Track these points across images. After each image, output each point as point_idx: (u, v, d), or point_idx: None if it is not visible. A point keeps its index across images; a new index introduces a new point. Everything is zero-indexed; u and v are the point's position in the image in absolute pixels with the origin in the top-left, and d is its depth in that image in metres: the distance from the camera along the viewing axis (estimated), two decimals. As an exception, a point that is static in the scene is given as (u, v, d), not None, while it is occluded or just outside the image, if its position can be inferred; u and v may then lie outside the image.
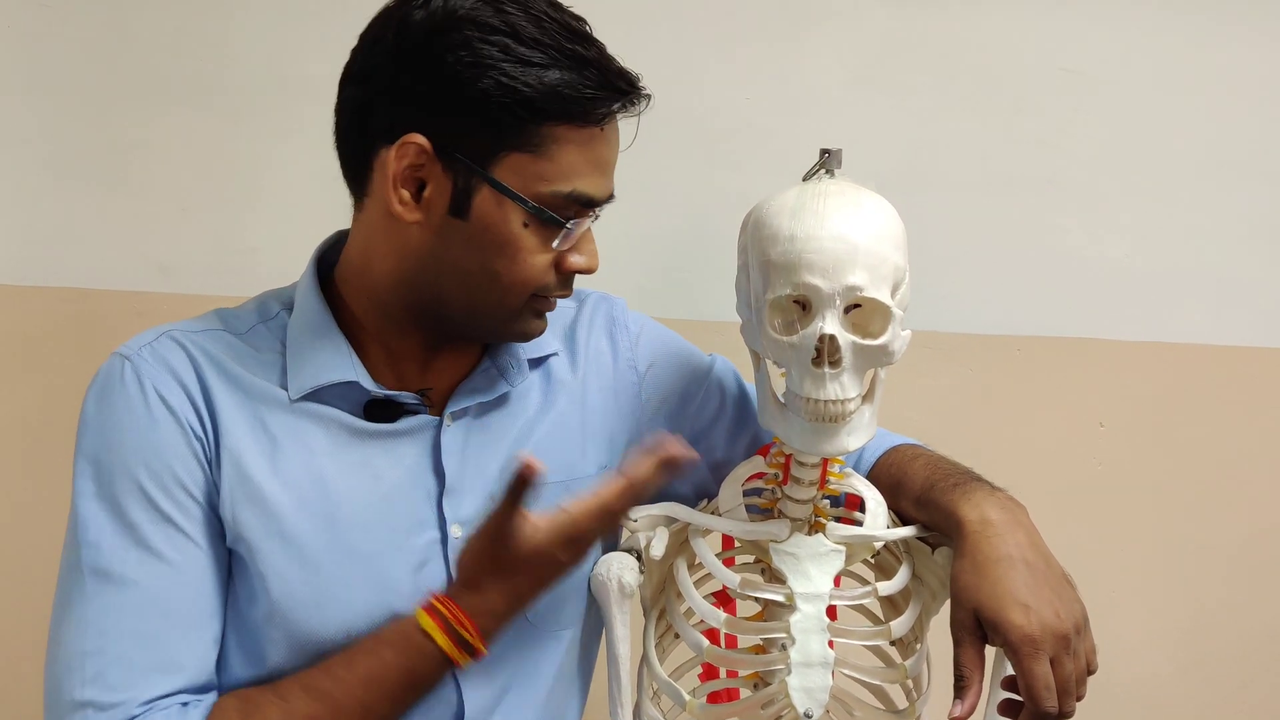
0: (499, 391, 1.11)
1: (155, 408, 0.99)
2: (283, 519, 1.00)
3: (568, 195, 0.99)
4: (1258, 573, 1.70)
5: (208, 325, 1.06)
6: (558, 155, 0.98)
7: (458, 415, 1.09)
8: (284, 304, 1.10)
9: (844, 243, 0.97)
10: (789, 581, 1.05)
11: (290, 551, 1.00)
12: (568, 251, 1.03)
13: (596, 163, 1.01)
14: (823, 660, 1.02)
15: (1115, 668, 1.70)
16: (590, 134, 0.99)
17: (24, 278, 1.57)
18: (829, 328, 0.97)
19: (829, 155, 1.08)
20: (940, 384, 1.66)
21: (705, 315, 1.61)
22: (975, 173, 1.64)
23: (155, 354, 1.02)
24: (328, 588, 1.01)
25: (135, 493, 0.98)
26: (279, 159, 1.58)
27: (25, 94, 1.55)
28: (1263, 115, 1.65)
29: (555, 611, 1.11)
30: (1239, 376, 1.68)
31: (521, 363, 1.13)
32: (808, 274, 0.97)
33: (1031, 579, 1.00)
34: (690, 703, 1.08)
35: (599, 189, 1.01)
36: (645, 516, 1.12)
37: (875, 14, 1.62)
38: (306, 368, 1.04)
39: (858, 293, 0.97)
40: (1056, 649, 0.98)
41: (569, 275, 1.05)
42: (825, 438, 1.00)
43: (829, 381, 0.98)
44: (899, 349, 1.01)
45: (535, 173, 0.98)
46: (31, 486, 1.57)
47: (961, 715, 0.98)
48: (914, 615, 1.09)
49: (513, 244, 1.00)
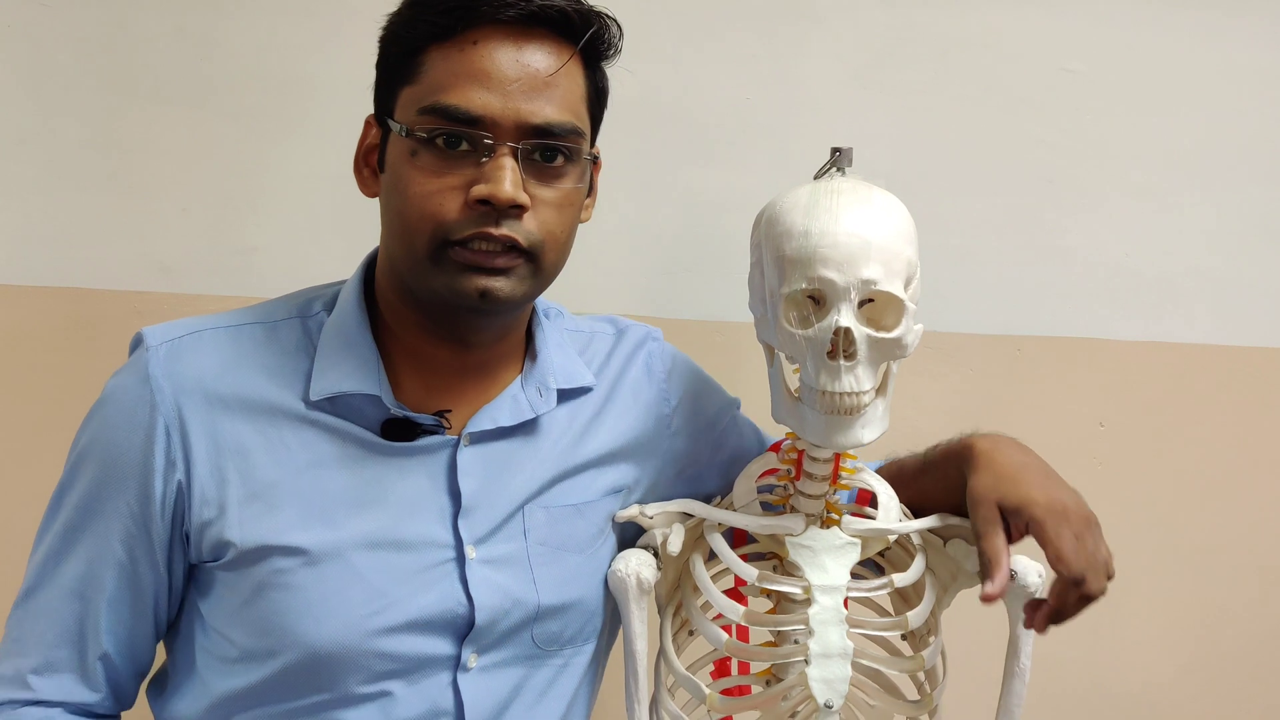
0: (522, 418, 1.09)
1: (141, 413, 1.00)
2: (287, 530, 1.00)
3: (431, 108, 0.98)
4: (1258, 572, 1.71)
5: (240, 320, 1.07)
6: (427, 76, 0.99)
7: (476, 438, 1.07)
8: (326, 304, 1.09)
9: (858, 237, 0.98)
10: (806, 574, 1.06)
11: (292, 562, 1.00)
12: (475, 183, 0.98)
13: (471, 75, 0.97)
14: (842, 651, 1.03)
15: (1117, 668, 1.70)
16: (460, 47, 0.98)
17: (24, 278, 1.56)
18: (844, 320, 0.98)
19: (840, 153, 1.10)
20: (940, 384, 1.66)
21: (706, 315, 1.61)
22: (975, 173, 1.64)
23: (173, 353, 1.02)
24: (326, 601, 1.00)
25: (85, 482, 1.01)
26: (279, 159, 1.57)
27: (25, 94, 1.54)
28: (1263, 115, 1.65)
29: (563, 632, 1.10)
30: (1239, 376, 1.68)
31: (550, 391, 1.11)
32: (823, 268, 0.98)
33: (1049, 477, 1.05)
34: (710, 696, 1.08)
35: (475, 104, 0.97)
36: (661, 513, 1.13)
37: (875, 13, 1.62)
38: (332, 372, 1.03)
39: (872, 286, 0.98)
40: (1080, 525, 1.01)
41: (479, 209, 0.97)
42: (840, 430, 1.01)
43: (844, 374, 0.99)
44: (912, 342, 1.02)
45: (412, 99, 0.99)
46: (32, 486, 1.57)
47: (994, 593, 0.99)
48: (929, 607, 1.10)
49: (404, 177, 0.99)
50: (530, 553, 1.08)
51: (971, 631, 1.37)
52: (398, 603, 1.01)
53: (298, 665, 0.99)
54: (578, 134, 1.02)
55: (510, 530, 1.07)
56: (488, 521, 1.06)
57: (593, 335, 1.21)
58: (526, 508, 1.08)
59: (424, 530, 1.04)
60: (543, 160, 1.00)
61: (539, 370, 1.12)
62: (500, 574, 1.06)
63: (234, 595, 1.01)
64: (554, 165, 1.01)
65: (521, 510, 1.08)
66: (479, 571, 1.04)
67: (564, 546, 1.10)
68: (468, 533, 1.05)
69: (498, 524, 1.07)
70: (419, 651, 1.02)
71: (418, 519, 1.04)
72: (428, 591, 1.03)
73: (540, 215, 1.00)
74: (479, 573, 1.04)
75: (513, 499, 1.08)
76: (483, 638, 1.05)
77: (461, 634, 1.04)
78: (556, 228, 1.02)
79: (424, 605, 1.02)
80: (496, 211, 0.97)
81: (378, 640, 1.00)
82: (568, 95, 1.01)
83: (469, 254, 0.98)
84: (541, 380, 1.11)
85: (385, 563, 1.02)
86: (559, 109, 1.00)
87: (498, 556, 1.06)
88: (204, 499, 1.00)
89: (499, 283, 1.00)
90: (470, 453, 1.07)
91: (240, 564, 1.00)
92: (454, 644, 1.04)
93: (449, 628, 1.03)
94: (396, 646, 1.01)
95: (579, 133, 1.02)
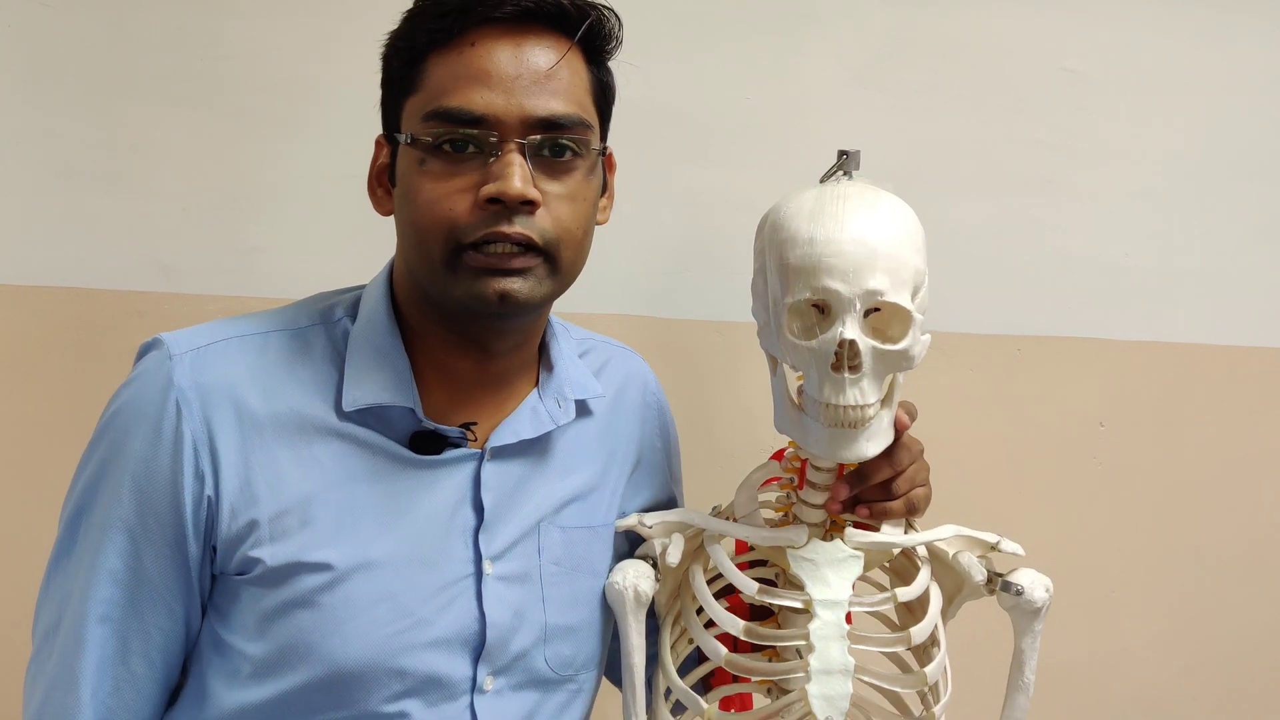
0: (543, 430, 1.09)
1: (167, 424, 0.97)
2: (316, 546, 0.98)
3: (434, 113, 0.98)
4: (1258, 572, 1.71)
5: (263, 328, 1.05)
6: (429, 83, 0.99)
7: (499, 452, 1.07)
8: (348, 309, 1.08)
9: (864, 246, 0.96)
10: (807, 587, 1.04)
11: (321, 579, 0.98)
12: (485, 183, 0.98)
13: (471, 76, 0.98)
14: (843, 667, 1.01)
15: (1114, 667, 1.71)
16: (458, 50, 0.98)
17: (24, 278, 1.56)
18: (849, 332, 0.96)
19: (847, 156, 1.07)
20: (940, 384, 1.66)
21: (706, 315, 1.61)
22: (975, 173, 1.64)
23: (199, 362, 1.00)
24: (355, 619, 0.98)
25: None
26: (281, 159, 1.57)
27: (25, 94, 1.54)
28: (1263, 115, 1.65)
29: (575, 656, 1.10)
30: (1239, 376, 1.68)
31: (568, 401, 1.11)
32: (827, 278, 0.96)
33: None
34: (708, 710, 1.07)
35: (477, 103, 0.97)
36: (660, 523, 1.11)
37: (875, 14, 1.62)
38: (367, 383, 1.02)
39: (878, 297, 0.96)
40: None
41: (490, 209, 0.97)
42: (844, 443, 0.99)
43: (849, 387, 0.97)
44: (919, 353, 1.00)
45: (416, 108, 1.00)
46: (32, 486, 1.57)
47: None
48: (933, 621, 1.08)
49: (414, 187, 0.99)
50: (543, 571, 1.07)
51: (975, 644, 1.37)
52: (422, 621, 1.01)
53: (319, 682, 0.98)
54: (584, 125, 1.01)
55: (525, 548, 1.07)
56: (506, 537, 1.06)
57: (591, 346, 1.22)
58: (542, 526, 1.08)
59: (448, 545, 1.03)
60: (551, 155, 1.00)
61: (556, 381, 1.12)
62: (512, 591, 1.05)
63: (257, 609, 0.99)
64: (563, 160, 1.00)
65: (537, 528, 1.08)
66: (494, 588, 1.04)
67: (578, 568, 1.10)
68: (487, 548, 1.04)
69: (514, 540, 1.06)
70: (437, 671, 1.01)
71: (442, 534, 1.03)
72: (449, 608, 1.02)
73: (554, 211, 1.00)
74: (493, 589, 1.04)
75: (530, 515, 1.08)
76: (496, 658, 1.04)
77: (476, 652, 1.03)
78: (571, 223, 1.01)
79: (445, 623, 1.01)
80: (508, 209, 0.97)
81: (400, 658, 0.99)
82: (571, 88, 1.01)
83: (484, 257, 0.98)
84: (559, 391, 1.11)
85: (411, 580, 1.01)
86: (563, 101, 1.00)
87: (511, 573, 1.06)
88: (233, 513, 0.98)
89: (517, 284, 0.99)
90: (493, 466, 1.06)
91: (268, 579, 0.98)
92: (470, 663, 1.03)
93: (465, 646, 1.03)
94: (417, 665, 1.00)
95: (585, 124, 1.01)
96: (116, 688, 1.00)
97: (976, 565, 1.09)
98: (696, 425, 1.60)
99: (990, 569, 1.10)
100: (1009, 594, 1.08)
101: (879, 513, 1.07)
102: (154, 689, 1.01)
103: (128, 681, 1.00)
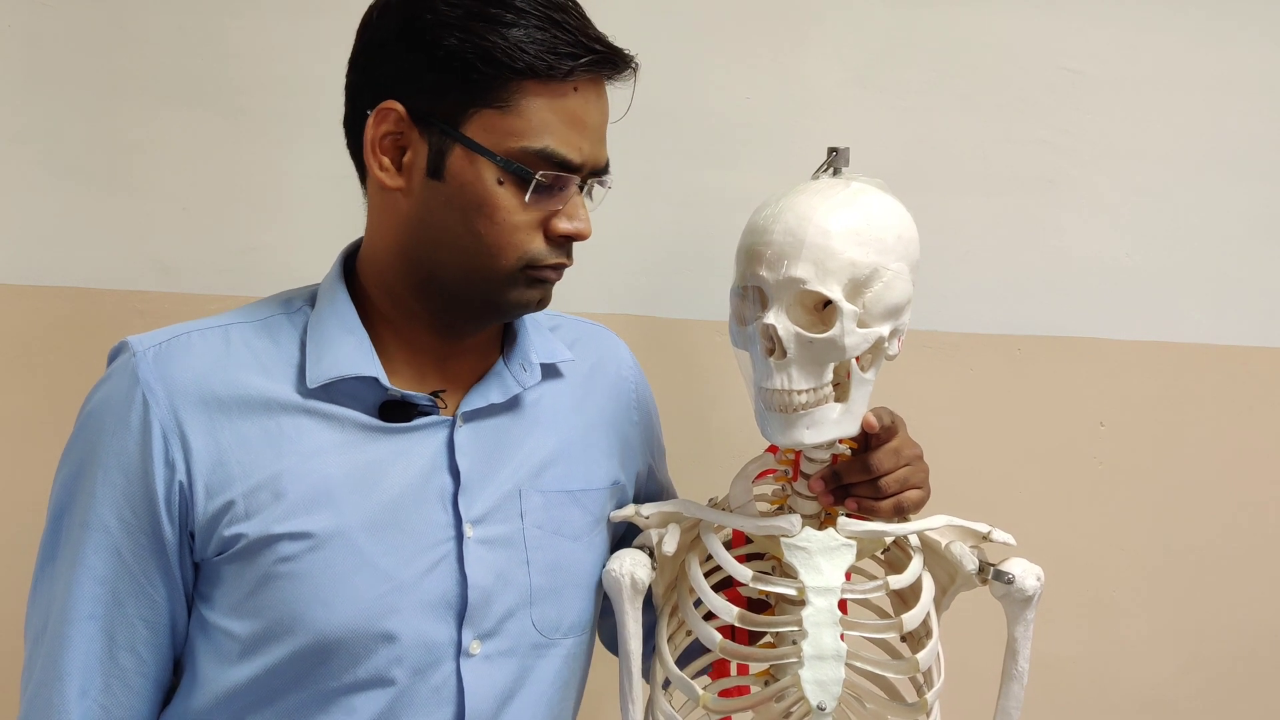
0: (511, 393, 1.12)
1: (135, 417, 0.99)
2: (292, 515, 1.00)
3: (538, 152, 1.00)
4: (1258, 572, 1.70)
5: (224, 321, 1.07)
6: (526, 111, 0.99)
7: (470, 416, 1.10)
8: (307, 299, 1.10)
9: (791, 236, 1.00)
10: (800, 575, 1.06)
11: (299, 547, 1.00)
12: (556, 217, 1.03)
13: (571, 121, 1.01)
14: (835, 653, 1.03)
15: (1116, 667, 1.71)
16: (562, 92, 1.00)
17: (24, 278, 1.57)
18: (770, 318, 1.01)
19: (836, 153, 1.10)
20: (940, 384, 1.66)
21: (706, 315, 1.61)
22: (975, 173, 1.64)
23: (162, 356, 1.02)
24: (335, 586, 1.00)
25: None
26: (280, 158, 1.58)
27: (25, 93, 1.55)
28: (1263, 115, 1.65)
29: (561, 619, 1.12)
30: (1239, 376, 1.68)
31: (534, 365, 1.14)
32: (757, 265, 1.02)
33: None
34: (703, 696, 1.09)
35: (575, 150, 1.01)
36: (657, 513, 1.13)
37: (875, 14, 1.62)
38: (327, 358, 1.04)
39: (801, 286, 1.00)
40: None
41: (560, 241, 1.05)
42: (781, 428, 1.04)
43: (776, 372, 1.02)
44: (853, 345, 1.02)
45: (505, 129, 0.99)
46: (32, 486, 1.57)
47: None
48: (925, 609, 1.09)
49: (489, 202, 1.00)
50: (526, 535, 1.09)
51: (969, 634, 1.37)
52: (404, 585, 1.02)
53: (305, 652, 1.00)
54: None
55: (507, 511, 1.09)
56: (485, 501, 1.08)
57: (561, 323, 1.25)
58: (524, 490, 1.10)
59: (425, 510, 1.05)
60: (587, 194, 1.06)
61: (520, 349, 1.15)
62: (494, 554, 1.07)
63: (240, 586, 1.01)
64: (592, 197, 1.07)
65: (519, 492, 1.10)
66: (475, 551, 1.06)
67: (559, 532, 1.12)
68: (466, 511, 1.06)
69: (495, 504, 1.08)
70: (423, 635, 1.03)
71: (419, 499, 1.05)
72: (430, 572, 1.04)
73: None
74: (475, 552, 1.06)
75: (509, 478, 1.10)
76: (479, 621, 1.06)
77: (459, 615, 1.05)
78: None
79: (427, 586, 1.03)
80: (570, 240, 1.06)
81: (383, 622, 1.01)
82: None
83: (545, 273, 1.05)
84: (524, 357, 1.14)
85: (391, 545, 1.03)
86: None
87: (494, 537, 1.08)
88: (209, 494, 1.00)
89: (549, 290, 1.08)
90: (466, 431, 1.09)
91: (247, 554, 1.00)
92: (454, 626, 1.05)
93: (448, 608, 1.05)
94: (400, 628, 1.02)
95: None
96: (107, 685, 1.01)
97: (969, 555, 1.11)
98: (695, 425, 1.60)
99: (982, 559, 1.12)
100: (1000, 582, 1.10)
101: (867, 509, 1.10)
102: (145, 684, 1.03)
103: (117, 678, 1.02)
